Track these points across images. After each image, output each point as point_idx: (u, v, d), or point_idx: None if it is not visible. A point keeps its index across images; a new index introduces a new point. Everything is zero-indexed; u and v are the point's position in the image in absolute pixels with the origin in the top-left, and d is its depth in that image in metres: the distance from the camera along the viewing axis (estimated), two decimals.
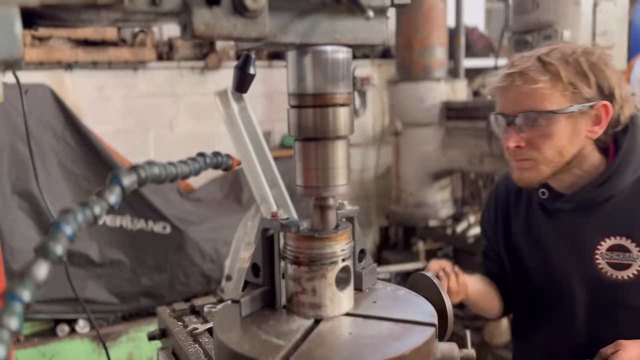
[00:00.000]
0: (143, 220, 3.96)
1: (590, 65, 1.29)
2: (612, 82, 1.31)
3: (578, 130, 1.31)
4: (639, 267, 1.32)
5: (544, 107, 1.28)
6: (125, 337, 3.78)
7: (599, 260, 1.37)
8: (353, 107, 0.91)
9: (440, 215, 4.65)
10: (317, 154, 0.87)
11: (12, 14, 0.58)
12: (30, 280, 0.52)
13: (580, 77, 1.28)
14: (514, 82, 1.30)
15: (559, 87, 1.27)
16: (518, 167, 1.37)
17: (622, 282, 1.34)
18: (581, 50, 1.32)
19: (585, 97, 1.29)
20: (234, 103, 2.72)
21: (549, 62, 1.28)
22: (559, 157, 1.32)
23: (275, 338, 0.86)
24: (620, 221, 1.35)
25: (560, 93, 1.28)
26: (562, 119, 1.29)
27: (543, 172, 1.34)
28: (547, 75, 1.27)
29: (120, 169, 0.68)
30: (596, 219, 1.38)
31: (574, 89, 1.28)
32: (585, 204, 1.38)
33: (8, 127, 3.55)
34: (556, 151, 1.31)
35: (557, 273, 1.45)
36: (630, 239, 1.33)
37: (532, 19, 3.28)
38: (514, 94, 1.32)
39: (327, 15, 0.79)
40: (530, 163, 1.34)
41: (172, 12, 0.67)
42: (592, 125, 1.32)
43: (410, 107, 4.53)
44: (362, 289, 1.03)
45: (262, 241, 0.97)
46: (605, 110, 1.31)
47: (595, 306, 1.41)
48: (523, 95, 1.30)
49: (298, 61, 0.85)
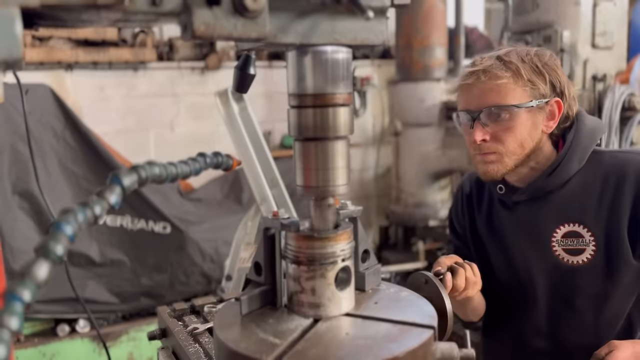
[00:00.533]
0: (143, 220, 3.96)
1: (544, 64, 1.40)
2: (562, 80, 1.42)
3: (536, 124, 1.41)
4: (591, 251, 1.42)
5: (506, 102, 1.37)
6: (125, 337, 3.78)
7: (556, 247, 1.45)
8: (353, 107, 0.91)
9: (440, 215, 4.65)
10: (317, 154, 0.87)
11: (13, 14, 0.58)
12: (30, 280, 0.52)
13: (537, 75, 1.38)
14: (478, 79, 1.39)
15: (520, 83, 1.37)
16: (483, 160, 1.44)
17: (577, 267, 1.43)
18: (534, 52, 1.42)
19: (541, 93, 1.39)
20: (234, 103, 2.72)
21: (509, 61, 1.38)
22: (521, 149, 1.41)
23: (272, 337, 0.86)
24: (572, 209, 1.44)
25: (521, 89, 1.37)
26: (523, 113, 1.38)
27: (507, 165, 1.42)
28: (509, 72, 1.37)
29: (120, 169, 0.68)
30: (550, 208, 1.46)
31: (532, 85, 1.37)
32: (537, 193, 1.47)
33: (8, 127, 3.55)
34: (518, 144, 1.40)
35: (518, 264, 1.52)
36: (582, 224, 1.42)
37: (531, 19, 3.28)
38: (478, 90, 1.40)
39: (327, 16, 0.79)
40: (495, 156, 1.42)
41: (173, 12, 0.67)
42: (547, 120, 1.42)
43: (410, 107, 4.53)
44: (364, 290, 1.03)
45: (264, 240, 0.97)
46: (558, 106, 1.41)
47: (554, 293, 1.48)
48: (487, 91, 1.38)
49: (298, 61, 0.85)
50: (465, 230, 1.66)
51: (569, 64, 3.10)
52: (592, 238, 1.41)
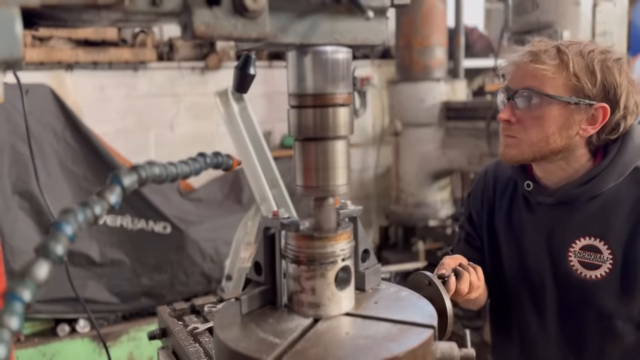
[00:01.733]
0: (143, 220, 3.96)
1: (603, 65, 1.30)
2: (620, 88, 1.31)
3: (570, 123, 1.33)
4: (607, 269, 1.36)
5: (543, 89, 1.31)
6: (125, 337, 3.78)
7: (572, 258, 1.40)
8: (353, 107, 0.91)
9: (440, 215, 4.65)
10: (317, 154, 0.87)
11: (13, 14, 0.58)
12: (30, 280, 0.53)
13: (588, 73, 1.30)
14: (524, 59, 1.34)
15: (564, 75, 1.29)
16: (503, 142, 1.40)
17: (590, 282, 1.38)
18: (600, 50, 1.33)
19: (586, 93, 1.30)
20: (234, 103, 2.72)
21: (563, 51, 1.30)
22: (544, 143, 1.34)
23: (272, 336, 0.86)
24: (597, 223, 1.37)
25: (562, 81, 1.30)
26: (556, 106, 1.31)
27: (524, 153, 1.37)
28: (556, 60, 1.30)
29: (120, 169, 0.68)
30: (574, 217, 1.40)
31: (577, 81, 1.29)
32: (565, 200, 1.41)
33: (9, 127, 3.55)
34: (542, 136, 1.33)
35: (531, 267, 1.48)
36: (603, 240, 1.36)
37: (531, 19, 3.28)
38: (521, 70, 1.35)
39: (327, 16, 0.79)
40: (514, 141, 1.37)
41: (173, 12, 0.67)
42: (586, 124, 1.33)
43: (410, 107, 4.53)
44: (364, 289, 1.03)
45: (264, 240, 0.97)
46: (603, 112, 1.31)
47: (563, 301, 1.44)
48: (528, 74, 1.33)
49: (298, 61, 0.85)
50: (482, 220, 1.60)
51: None
52: (610, 256, 1.35)
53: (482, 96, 5.27)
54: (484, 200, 1.61)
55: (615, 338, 1.39)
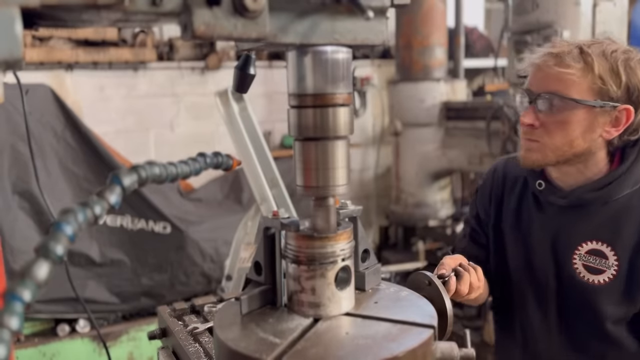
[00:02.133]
0: (143, 220, 3.96)
1: (626, 66, 1.28)
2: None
3: (594, 126, 1.30)
4: (611, 274, 1.35)
5: (567, 93, 1.28)
6: (125, 337, 3.78)
7: (576, 261, 1.39)
8: (353, 107, 0.91)
9: (440, 215, 4.65)
10: (317, 154, 0.87)
11: (13, 14, 0.58)
12: (30, 280, 0.53)
13: (613, 74, 1.27)
14: (547, 61, 1.31)
15: (589, 77, 1.26)
16: (525, 146, 1.37)
17: (592, 286, 1.37)
18: (622, 50, 1.31)
19: (610, 95, 1.27)
20: (234, 103, 2.72)
21: (587, 53, 1.27)
22: (568, 147, 1.32)
23: (272, 336, 0.86)
24: (606, 228, 1.36)
25: (587, 84, 1.27)
26: (581, 110, 1.28)
27: (548, 158, 1.34)
28: (580, 63, 1.27)
29: (120, 169, 0.68)
30: (584, 221, 1.39)
31: (602, 84, 1.27)
32: (578, 203, 1.39)
33: (9, 127, 3.55)
34: (567, 141, 1.31)
35: (535, 265, 1.47)
36: (610, 246, 1.35)
37: (531, 19, 3.28)
38: (543, 73, 1.32)
39: (327, 16, 0.79)
40: (538, 145, 1.34)
41: (173, 12, 0.67)
42: (610, 126, 1.31)
43: (410, 107, 4.53)
44: (364, 289, 1.03)
45: (264, 240, 0.97)
46: (627, 114, 1.29)
47: (564, 303, 1.44)
48: (552, 77, 1.30)
49: (298, 61, 0.85)
50: (489, 217, 1.59)
51: None
52: (616, 262, 1.34)
53: (482, 96, 5.27)
54: (492, 197, 1.59)
55: (615, 343, 1.39)
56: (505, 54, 4.05)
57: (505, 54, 3.95)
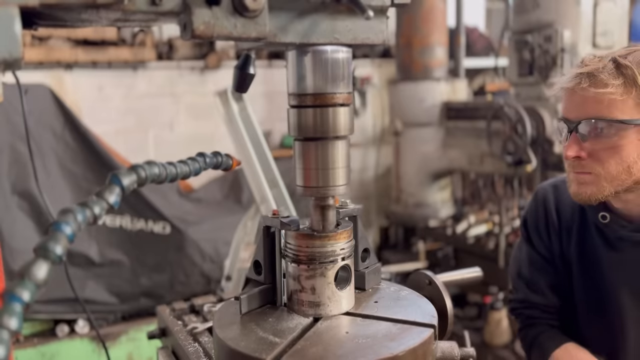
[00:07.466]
0: (143, 220, 3.95)
1: None
2: None
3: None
4: None
5: (612, 115, 1.13)
6: (125, 337, 3.78)
7: None
8: (353, 107, 0.91)
9: (440, 216, 4.65)
10: (317, 154, 0.87)
11: (12, 14, 0.58)
12: (30, 280, 0.52)
13: None
14: (580, 84, 1.15)
15: (633, 94, 1.12)
16: (576, 180, 1.22)
17: None
18: None
19: None
20: (234, 103, 2.72)
21: (625, 65, 1.12)
22: (626, 174, 1.16)
23: (272, 336, 0.86)
24: None
25: (633, 101, 1.12)
26: (631, 130, 1.13)
27: (604, 190, 1.18)
28: (620, 79, 1.12)
29: (119, 169, 0.68)
30: None
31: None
32: None
33: (8, 127, 3.55)
34: (623, 167, 1.15)
35: (610, 307, 1.31)
36: None
37: (532, 19, 3.28)
38: (579, 97, 1.17)
39: (327, 15, 0.79)
40: (591, 177, 1.19)
41: (172, 12, 0.67)
42: None
43: (410, 107, 4.53)
44: (364, 289, 1.03)
45: (264, 239, 0.97)
46: None
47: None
48: (589, 100, 1.15)
49: (298, 61, 0.85)
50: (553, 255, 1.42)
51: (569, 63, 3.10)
52: None
53: (482, 96, 5.27)
54: (550, 230, 1.42)
55: None
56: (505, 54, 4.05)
57: (506, 54, 3.95)
